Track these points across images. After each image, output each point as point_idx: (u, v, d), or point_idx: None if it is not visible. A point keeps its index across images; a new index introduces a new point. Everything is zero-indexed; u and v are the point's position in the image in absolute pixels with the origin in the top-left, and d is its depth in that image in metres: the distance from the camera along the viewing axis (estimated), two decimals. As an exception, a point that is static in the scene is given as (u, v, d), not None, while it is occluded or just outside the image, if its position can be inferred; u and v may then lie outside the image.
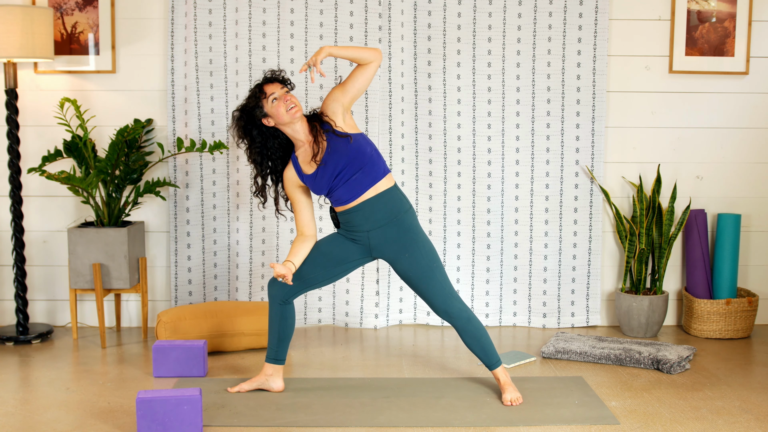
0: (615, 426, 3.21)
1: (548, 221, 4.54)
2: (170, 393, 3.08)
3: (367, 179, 3.35)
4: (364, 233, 3.39)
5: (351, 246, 3.44)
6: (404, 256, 3.38)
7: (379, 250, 3.42)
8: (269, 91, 3.33)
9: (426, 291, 3.41)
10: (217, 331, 4.04)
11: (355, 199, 3.35)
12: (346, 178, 3.33)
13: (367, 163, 3.35)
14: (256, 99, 3.34)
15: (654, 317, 4.40)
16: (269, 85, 3.35)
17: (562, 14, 4.41)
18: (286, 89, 3.36)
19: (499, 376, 3.48)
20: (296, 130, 3.37)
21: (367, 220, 3.37)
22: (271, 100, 3.32)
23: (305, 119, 3.40)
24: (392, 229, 3.38)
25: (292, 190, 3.47)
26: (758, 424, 3.23)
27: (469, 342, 3.47)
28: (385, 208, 3.37)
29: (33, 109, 4.44)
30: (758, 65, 4.53)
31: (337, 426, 3.20)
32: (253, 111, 3.36)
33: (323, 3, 4.39)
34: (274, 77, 3.39)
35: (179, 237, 4.45)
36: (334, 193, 3.38)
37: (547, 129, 4.48)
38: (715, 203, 4.62)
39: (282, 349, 3.52)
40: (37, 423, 3.22)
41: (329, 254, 3.45)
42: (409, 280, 3.43)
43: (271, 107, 3.33)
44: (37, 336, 4.29)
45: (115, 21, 4.40)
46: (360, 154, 3.33)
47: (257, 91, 3.35)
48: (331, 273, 3.48)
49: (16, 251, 4.29)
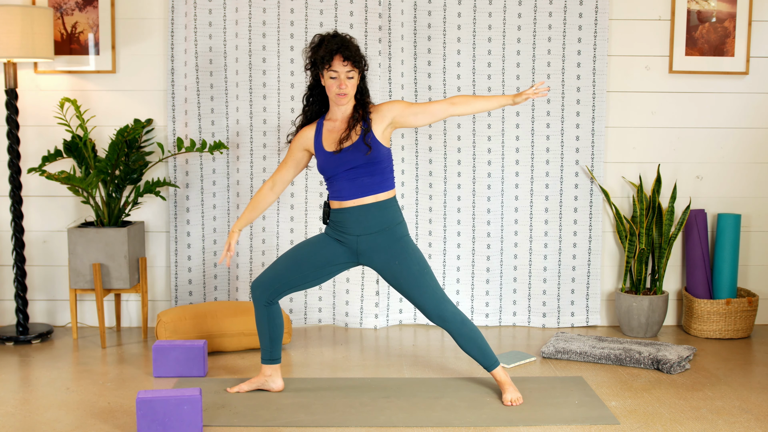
0: (615, 426, 3.21)
1: (548, 221, 4.54)
2: (170, 393, 3.08)
3: (373, 187, 3.35)
4: (353, 237, 3.38)
5: (337, 248, 3.42)
6: (395, 264, 3.38)
7: (367, 256, 3.40)
8: (334, 66, 3.27)
9: (418, 297, 3.40)
10: (218, 331, 4.04)
11: (354, 198, 3.35)
12: (354, 177, 3.33)
13: (379, 174, 3.35)
14: (323, 62, 3.28)
15: (654, 317, 4.40)
16: (338, 60, 3.27)
17: (562, 14, 4.41)
18: (349, 72, 3.29)
19: (500, 377, 3.48)
20: (337, 108, 3.37)
21: (359, 224, 3.36)
22: (330, 76, 3.29)
23: (352, 102, 3.39)
24: (382, 238, 3.37)
25: (297, 147, 3.46)
26: (758, 424, 3.23)
27: (465, 345, 3.45)
28: (379, 216, 3.36)
29: (33, 109, 4.44)
30: (758, 65, 4.53)
31: (337, 426, 3.20)
32: (316, 62, 3.32)
33: (323, 3, 4.39)
34: (349, 55, 3.28)
35: (179, 237, 4.45)
36: (336, 182, 3.37)
37: (547, 129, 4.48)
38: (715, 203, 4.62)
39: (276, 348, 3.53)
40: (37, 423, 3.22)
41: (313, 256, 3.44)
42: (400, 287, 3.42)
43: (326, 79, 3.31)
44: (37, 336, 4.29)
45: (115, 21, 4.40)
46: (377, 164, 3.34)
47: (328, 57, 3.26)
48: (314, 276, 3.46)
49: (16, 251, 4.29)
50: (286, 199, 4.53)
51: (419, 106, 3.40)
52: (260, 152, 4.50)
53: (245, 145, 4.49)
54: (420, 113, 3.39)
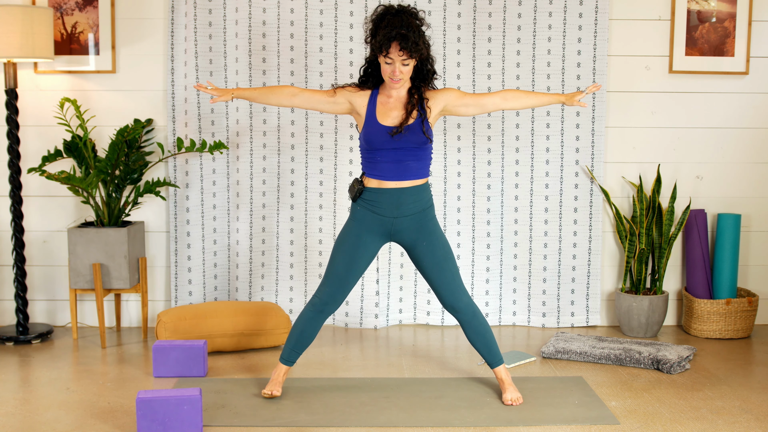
0: (615, 426, 3.21)
1: (548, 221, 4.54)
2: (170, 393, 3.08)
3: (416, 171, 3.37)
4: (389, 219, 3.38)
5: (374, 236, 3.40)
6: (423, 245, 3.41)
7: (398, 236, 3.42)
8: (391, 53, 3.23)
9: (437, 281, 3.43)
10: (218, 331, 4.04)
11: (396, 180, 3.35)
12: (401, 159, 3.33)
13: (424, 159, 3.38)
14: (380, 48, 3.23)
15: (654, 317, 4.40)
16: (395, 48, 3.22)
17: (562, 14, 4.41)
18: (405, 60, 3.24)
19: (501, 375, 3.49)
20: (391, 88, 3.34)
21: (396, 207, 3.36)
22: (386, 61, 3.26)
23: (407, 85, 3.37)
24: (416, 219, 3.40)
25: (343, 94, 3.41)
26: (758, 424, 3.23)
27: (473, 338, 3.49)
28: (417, 200, 3.38)
29: (33, 109, 4.44)
30: (758, 65, 4.53)
31: (337, 426, 3.20)
32: (374, 45, 3.28)
33: (323, 3, 4.39)
34: (406, 46, 3.20)
35: (179, 237, 4.45)
36: (379, 161, 3.34)
37: (547, 129, 4.48)
38: (715, 203, 4.62)
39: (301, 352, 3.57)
40: (37, 423, 3.22)
41: (361, 252, 3.41)
42: (422, 267, 3.45)
43: (382, 62, 3.28)
44: (37, 336, 4.29)
45: (115, 21, 4.40)
46: (425, 150, 3.37)
47: (386, 44, 3.21)
48: (365, 267, 3.47)
49: (16, 251, 4.29)
50: (286, 199, 4.53)
51: (471, 97, 3.42)
52: (260, 152, 4.50)
53: (245, 145, 4.49)
54: (471, 105, 3.42)
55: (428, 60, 3.36)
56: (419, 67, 3.35)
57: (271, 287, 4.59)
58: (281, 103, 3.49)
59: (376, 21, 3.30)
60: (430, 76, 3.39)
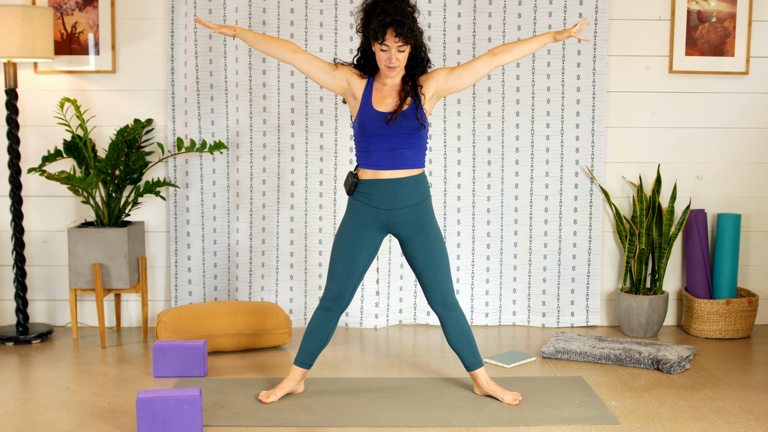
0: (615, 426, 3.21)
1: (548, 221, 4.54)
2: (170, 393, 3.08)
3: (410, 160, 3.33)
4: (386, 211, 3.35)
5: (373, 230, 3.37)
6: (419, 238, 3.37)
7: (396, 227, 3.38)
8: (387, 40, 3.21)
9: (430, 277, 3.40)
10: (218, 331, 4.04)
11: (390, 169, 3.32)
12: (394, 147, 3.30)
13: (418, 148, 3.35)
14: (375, 36, 3.21)
15: (654, 317, 4.40)
16: (391, 35, 3.20)
17: (562, 14, 4.41)
18: (401, 47, 3.23)
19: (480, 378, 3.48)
20: (386, 76, 3.31)
21: (392, 199, 3.33)
22: (381, 48, 3.24)
23: (401, 73, 3.34)
24: (413, 211, 3.36)
25: (343, 72, 3.37)
26: (758, 424, 3.23)
27: (458, 337, 3.44)
28: (413, 191, 3.34)
29: (33, 109, 4.44)
30: (758, 65, 4.53)
31: (337, 426, 3.20)
32: (368, 33, 3.26)
33: (323, 3, 4.39)
34: (402, 32, 3.18)
35: (179, 237, 4.45)
36: (373, 149, 3.31)
37: (547, 129, 4.48)
38: (715, 203, 4.62)
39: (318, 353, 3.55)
40: (37, 423, 3.22)
41: (361, 249, 3.39)
42: (416, 262, 3.41)
43: (377, 50, 3.26)
44: (37, 336, 4.29)
45: (115, 21, 4.40)
46: (420, 138, 3.33)
47: (381, 31, 3.18)
48: (369, 263, 3.45)
49: (16, 251, 4.29)
50: (286, 199, 4.53)
51: (462, 68, 3.38)
52: (260, 152, 4.50)
53: (245, 145, 4.49)
54: (464, 74, 3.37)
55: (422, 47, 3.35)
56: (413, 55, 3.34)
57: (271, 287, 4.59)
58: (282, 57, 3.41)
59: (368, 9, 3.29)
60: (424, 64, 3.38)
